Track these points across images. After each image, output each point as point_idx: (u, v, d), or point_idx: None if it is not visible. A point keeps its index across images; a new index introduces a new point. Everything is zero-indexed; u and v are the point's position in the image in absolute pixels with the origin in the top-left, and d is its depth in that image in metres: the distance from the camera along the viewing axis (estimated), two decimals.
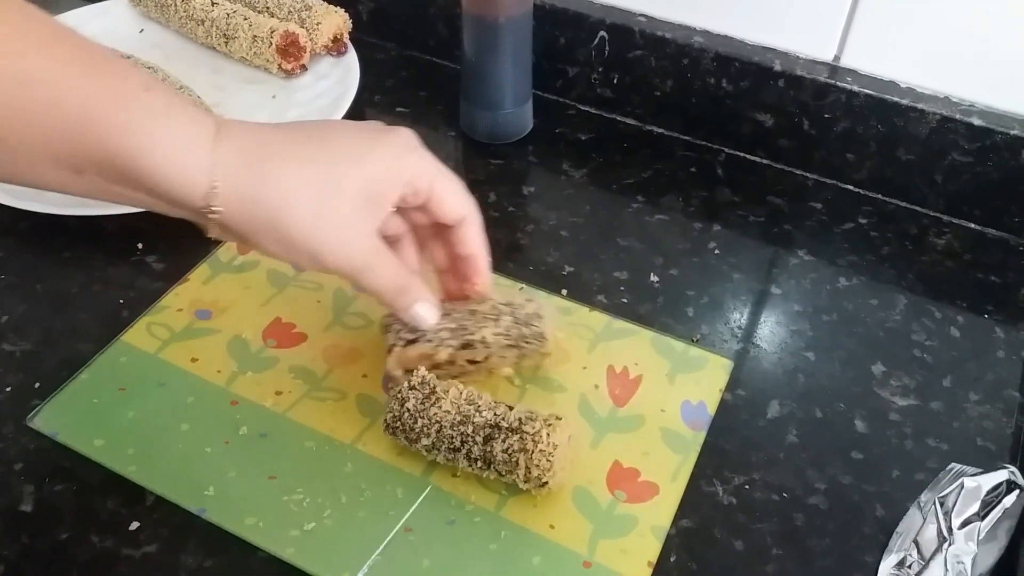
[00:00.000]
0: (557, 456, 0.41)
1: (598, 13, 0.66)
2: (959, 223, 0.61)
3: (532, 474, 0.41)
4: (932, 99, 0.59)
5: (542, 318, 0.47)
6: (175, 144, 0.36)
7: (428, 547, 0.42)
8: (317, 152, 0.39)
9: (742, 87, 0.63)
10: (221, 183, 0.37)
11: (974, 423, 0.48)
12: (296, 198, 0.38)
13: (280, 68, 0.69)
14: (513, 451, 0.41)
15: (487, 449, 0.42)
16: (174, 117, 0.36)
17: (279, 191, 0.37)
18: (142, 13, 0.76)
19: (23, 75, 0.34)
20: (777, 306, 0.55)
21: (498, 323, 0.46)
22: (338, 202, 0.38)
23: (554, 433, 0.42)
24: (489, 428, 0.42)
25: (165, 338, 0.51)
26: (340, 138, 0.40)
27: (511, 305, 0.47)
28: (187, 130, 0.36)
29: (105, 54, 0.37)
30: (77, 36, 0.36)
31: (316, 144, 0.39)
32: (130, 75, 0.36)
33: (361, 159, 0.39)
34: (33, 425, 0.46)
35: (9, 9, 0.35)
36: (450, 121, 0.68)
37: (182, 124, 0.36)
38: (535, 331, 0.46)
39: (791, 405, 0.49)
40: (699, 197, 0.63)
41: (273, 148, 0.38)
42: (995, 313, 0.55)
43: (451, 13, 0.71)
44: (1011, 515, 0.42)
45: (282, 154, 0.38)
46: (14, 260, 0.56)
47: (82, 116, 0.35)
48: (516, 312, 0.47)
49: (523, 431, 0.42)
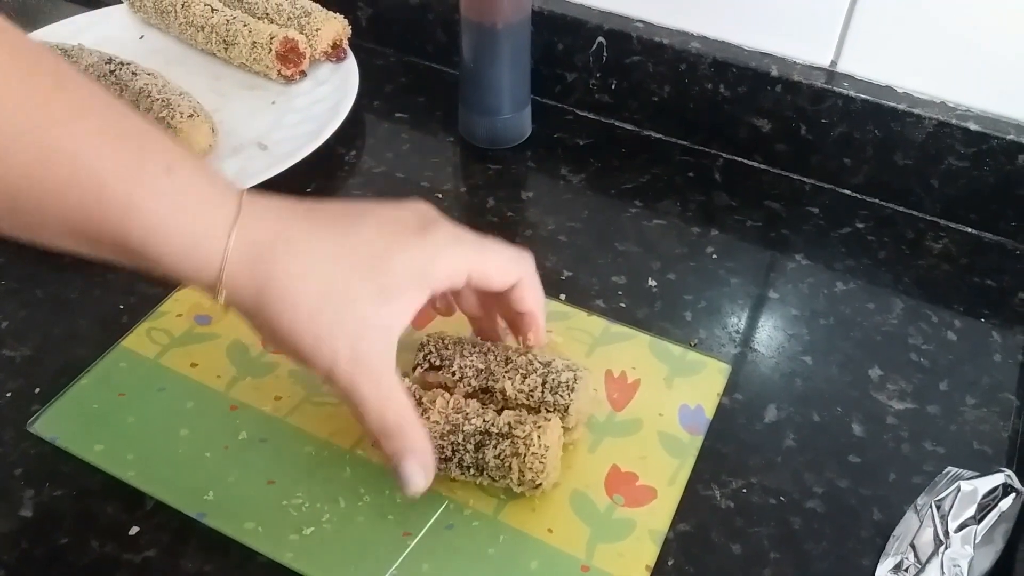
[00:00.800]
0: (550, 457, 0.42)
1: (596, 19, 0.66)
2: (956, 227, 0.62)
3: (526, 477, 0.42)
4: (928, 104, 0.59)
5: (574, 391, 0.44)
6: (190, 233, 0.35)
7: (427, 552, 0.42)
8: (335, 244, 0.37)
9: (739, 92, 0.64)
10: (229, 274, 0.36)
11: (970, 427, 0.49)
12: (295, 302, 0.36)
13: (279, 74, 0.69)
14: (505, 456, 0.41)
15: (479, 456, 0.42)
16: (192, 203, 0.35)
17: (282, 292, 0.36)
18: (142, 19, 0.77)
19: (47, 150, 0.33)
20: (774, 310, 0.55)
21: (525, 380, 0.44)
22: (343, 302, 0.36)
23: (544, 435, 0.42)
24: (479, 435, 0.42)
25: (165, 343, 0.51)
26: (363, 234, 0.37)
27: (548, 366, 0.45)
28: (205, 218, 0.35)
29: (130, 121, 0.36)
30: (104, 97, 0.35)
31: (336, 234, 0.37)
32: (153, 152, 0.35)
33: (382, 258, 0.37)
34: (33, 430, 0.47)
35: (39, 70, 0.34)
36: (449, 126, 0.69)
37: (201, 210, 0.35)
38: (561, 402, 0.44)
39: (788, 409, 0.49)
40: (697, 202, 0.63)
41: (289, 239, 0.36)
42: (992, 317, 0.55)
43: (449, 19, 0.71)
44: (1007, 518, 0.42)
45: (296, 250, 0.36)
46: (14, 265, 0.57)
47: (101, 197, 0.34)
48: (549, 375, 0.44)
49: (514, 435, 0.42)
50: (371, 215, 0.39)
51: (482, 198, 0.63)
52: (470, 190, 0.64)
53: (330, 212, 0.38)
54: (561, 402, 0.44)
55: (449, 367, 0.45)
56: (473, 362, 0.45)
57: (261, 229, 0.36)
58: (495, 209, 0.62)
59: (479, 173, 0.65)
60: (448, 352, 0.46)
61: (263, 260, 0.36)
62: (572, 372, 0.44)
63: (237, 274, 0.36)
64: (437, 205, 0.42)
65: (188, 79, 0.68)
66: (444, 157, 0.67)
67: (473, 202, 0.63)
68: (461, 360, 0.45)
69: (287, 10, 0.71)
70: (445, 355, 0.46)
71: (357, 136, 0.68)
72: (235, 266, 0.36)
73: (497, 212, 0.62)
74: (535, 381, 0.44)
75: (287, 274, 0.36)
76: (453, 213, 0.61)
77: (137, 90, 0.63)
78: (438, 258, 0.38)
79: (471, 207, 0.62)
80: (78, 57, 0.66)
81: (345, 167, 0.66)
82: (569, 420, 0.44)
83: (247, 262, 0.36)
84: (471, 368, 0.45)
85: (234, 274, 0.36)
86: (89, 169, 0.33)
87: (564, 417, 0.44)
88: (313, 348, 0.36)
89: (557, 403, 0.44)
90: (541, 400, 0.44)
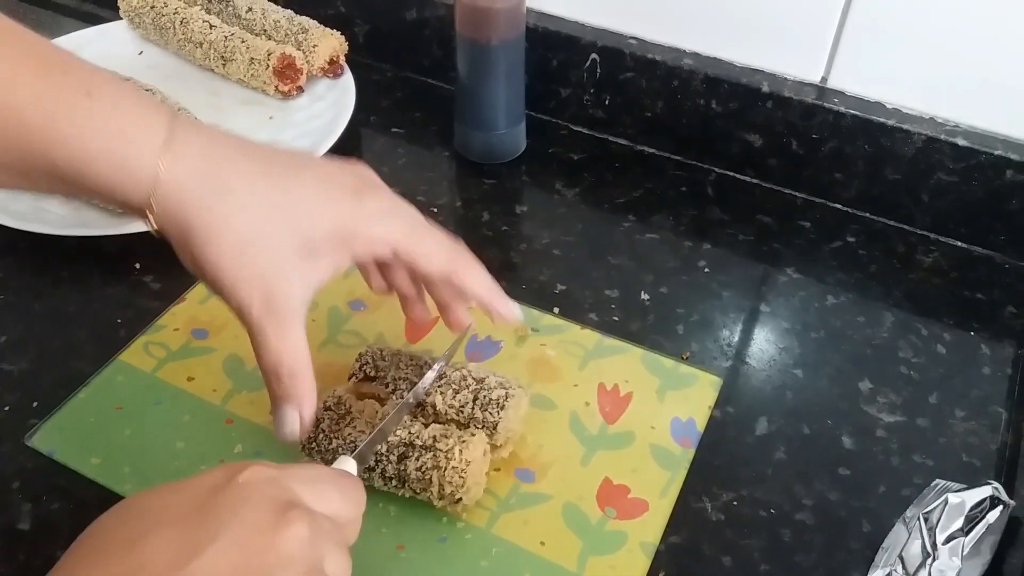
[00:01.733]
0: (471, 472, 0.42)
1: (590, 36, 0.67)
2: (945, 241, 0.62)
3: (446, 491, 0.42)
4: (918, 120, 0.60)
5: (504, 409, 0.44)
6: (119, 157, 0.35)
7: (420, 565, 0.42)
8: (270, 192, 0.37)
9: (731, 108, 0.64)
10: (157, 201, 0.35)
11: (959, 439, 0.49)
12: (220, 242, 0.36)
13: (277, 90, 0.70)
14: (427, 469, 0.42)
15: (401, 468, 0.42)
16: (116, 127, 0.35)
17: (208, 229, 0.36)
18: (141, 36, 0.77)
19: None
20: (766, 323, 0.56)
21: (456, 396, 0.45)
22: (266, 248, 0.37)
23: (467, 450, 0.42)
24: (403, 447, 0.42)
25: (162, 357, 0.52)
26: (298, 189, 0.38)
27: (481, 383, 0.45)
28: (132, 143, 0.35)
29: (52, 53, 0.35)
30: (27, 33, 0.35)
31: (272, 183, 0.37)
32: (73, 76, 0.35)
33: (313, 215, 0.38)
34: (31, 443, 0.47)
35: None
36: (444, 141, 0.69)
37: (127, 135, 0.35)
38: (490, 419, 0.44)
39: (779, 422, 0.50)
40: (689, 216, 0.64)
41: (224, 175, 0.36)
42: (981, 330, 0.56)
43: (445, 35, 0.72)
44: (995, 531, 0.42)
45: (230, 188, 0.36)
46: (12, 280, 0.57)
47: (21, 123, 0.34)
48: (481, 392, 0.45)
49: (436, 448, 0.42)
50: (309, 170, 0.39)
51: (477, 212, 0.64)
52: (465, 204, 0.65)
53: (267, 156, 0.38)
54: (490, 419, 0.44)
55: (383, 378, 0.46)
56: (407, 375, 0.46)
57: (193, 159, 0.36)
58: (490, 223, 0.63)
59: (474, 187, 0.66)
60: (384, 364, 0.47)
61: (193, 193, 0.36)
62: (504, 390, 0.45)
63: (166, 202, 0.36)
64: (433, 219, 0.42)
65: (186, 94, 0.69)
66: (440, 171, 0.68)
67: (468, 216, 0.64)
68: (395, 372, 0.46)
69: (284, 26, 0.72)
70: (381, 366, 0.47)
71: (354, 150, 0.69)
72: (164, 195, 0.35)
73: (492, 226, 0.62)
74: (466, 397, 0.44)
75: (216, 213, 0.36)
76: (448, 226, 0.61)
77: None
78: (366, 225, 0.39)
79: (466, 221, 0.63)
80: None
81: None
82: (497, 437, 0.44)
83: (177, 192, 0.36)
84: (404, 381, 0.46)
85: (162, 201, 0.36)
86: (6, 97, 0.33)
87: (492, 434, 0.44)
88: (231, 287, 0.37)
89: (486, 420, 0.44)
90: (471, 416, 0.44)
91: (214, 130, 0.38)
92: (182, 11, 0.73)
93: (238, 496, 0.30)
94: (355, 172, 0.41)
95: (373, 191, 0.40)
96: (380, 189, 0.41)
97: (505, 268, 0.59)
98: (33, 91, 0.34)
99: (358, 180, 0.40)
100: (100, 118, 0.35)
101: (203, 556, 0.28)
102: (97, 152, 0.35)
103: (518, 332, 0.54)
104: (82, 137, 0.34)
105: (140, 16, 0.75)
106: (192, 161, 0.36)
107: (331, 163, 0.41)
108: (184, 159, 0.36)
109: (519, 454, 0.47)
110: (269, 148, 0.39)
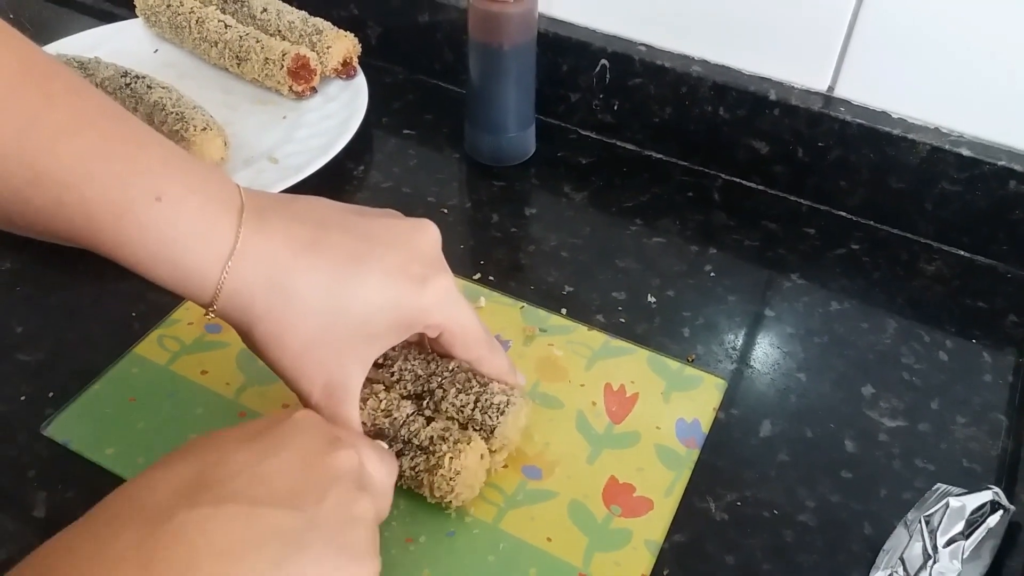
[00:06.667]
0: (460, 480, 0.42)
1: (600, 42, 0.68)
2: (949, 250, 0.63)
3: (435, 495, 0.43)
4: (923, 130, 0.61)
5: (504, 415, 0.44)
6: (181, 267, 0.35)
7: (429, 558, 0.43)
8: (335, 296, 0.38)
9: (738, 115, 0.65)
10: (221, 307, 0.37)
11: (960, 445, 0.50)
12: (283, 344, 0.38)
13: (291, 90, 0.71)
14: (419, 470, 0.43)
15: (399, 464, 0.43)
16: (181, 237, 0.35)
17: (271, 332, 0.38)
18: (157, 34, 0.78)
19: (34, 173, 0.33)
20: (770, 328, 0.56)
21: (459, 395, 0.45)
22: (329, 347, 0.38)
23: (458, 458, 0.42)
24: (402, 443, 0.43)
25: (176, 351, 0.52)
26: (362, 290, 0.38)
27: (485, 387, 0.45)
28: (195, 253, 0.35)
29: (120, 137, 0.35)
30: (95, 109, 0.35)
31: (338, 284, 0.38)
32: (143, 175, 0.34)
33: (376, 313, 0.39)
34: (47, 433, 0.48)
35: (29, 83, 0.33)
36: (455, 143, 0.70)
37: (190, 245, 0.35)
38: (488, 423, 0.44)
39: (783, 424, 0.50)
40: (696, 221, 0.64)
41: (289, 282, 0.37)
42: (983, 338, 0.56)
43: (457, 39, 0.73)
44: (995, 535, 0.43)
45: (295, 293, 0.37)
46: (29, 272, 0.58)
47: (90, 222, 0.34)
48: (483, 395, 0.45)
49: (430, 451, 0.43)
50: (379, 261, 0.39)
51: (486, 214, 0.64)
52: (475, 206, 0.66)
53: (336, 249, 0.38)
54: (488, 423, 0.44)
55: (390, 367, 0.46)
56: (414, 367, 0.46)
57: (257, 266, 0.36)
58: (499, 225, 0.63)
59: (484, 189, 0.67)
60: (394, 353, 0.47)
61: (257, 300, 0.37)
62: (507, 397, 0.45)
63: (228, 306, 0.37)
64: (442, 220, 0.43)
65: (201, 93, 0.70)
66: (450, 173, 0.68)
67: (478, 217, 0.64)
68: (403, 363, 0.46)
69: (299, 27, 0.73)
70: (390, 355, 0.47)
71: (366, 151, 0.70)
72: (226, 299, 0.37)
73: (501, 228, 0.63)
74: (468, 398, 0.45)
75: (280, 320, 0.37)
76: (458, 228, 0.63)
77: (152, 103, 0.64)
78: (427, 315, 0.41)
79: (476, 222, 0.64)
80: (95, 70, 0.68)
81: (353, 181, 0.67)
82: (494, 442, 0.45)
83: (239, 299, 0.37)
84: (410, 372, 0.46)
85: (225, 304, 0.37)
86: (76, 195, 0.33)
87: (489, 439, 0.45)
88: (293, 379, 0.39)
89: (485, 423, 0.44)
90: (470, 417, 0.45)
91: (280, 222, 0.38)
92: (198, 10, 0.74)
93: (295, 427, 0.35)
94: (423, 255, 0.41)
95: (436, 277, 0.40)
96: (441, 273, 0.41)
97: (514, 269, 0.60)
98: (103, 189, 0.34)
99: (424, 267, 0.40)
100: (167, 226, 0.35)
101: (271, 460, 0.33)
102: (162, 260, 0.35)
103: (526, 332, 0.54)
104: (145, 242, 0.35)
105: (156, 15, 0.76)
106: (257, 269, 0.36)
107: (401, 248, 0.40)
108: (248, 269, 0.36)
109: (526, 451, 0.48)
110: (340, 228, 0.39)
